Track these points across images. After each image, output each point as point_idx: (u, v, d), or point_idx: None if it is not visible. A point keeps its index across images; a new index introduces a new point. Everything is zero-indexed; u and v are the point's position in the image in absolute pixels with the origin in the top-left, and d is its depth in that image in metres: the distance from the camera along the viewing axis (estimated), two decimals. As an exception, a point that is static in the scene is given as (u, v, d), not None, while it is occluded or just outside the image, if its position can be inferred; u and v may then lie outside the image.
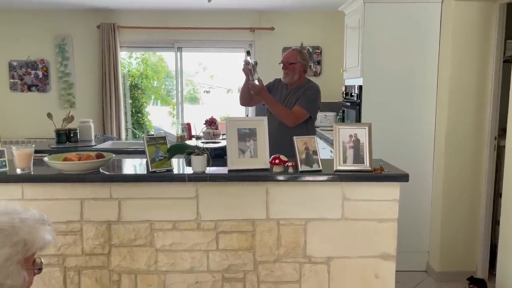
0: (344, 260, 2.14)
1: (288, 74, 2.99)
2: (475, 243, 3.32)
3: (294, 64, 2.97)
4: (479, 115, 3.20)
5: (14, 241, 0.98)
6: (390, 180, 2.08)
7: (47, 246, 1.06)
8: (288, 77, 3.00)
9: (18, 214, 1.04)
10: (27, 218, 1.04)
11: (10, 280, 0.96)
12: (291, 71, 2.98)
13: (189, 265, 2.12)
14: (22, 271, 0.99)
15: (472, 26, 3.12)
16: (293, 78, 3.00)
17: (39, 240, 1.03)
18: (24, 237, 1.00)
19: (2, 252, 0.95)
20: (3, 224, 0.99)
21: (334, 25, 5.15)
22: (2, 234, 0.97)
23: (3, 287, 0.95)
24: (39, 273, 1.08)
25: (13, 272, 0.96)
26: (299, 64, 2.99)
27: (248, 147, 2.15)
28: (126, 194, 2.08)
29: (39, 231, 1.04)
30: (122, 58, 5.75)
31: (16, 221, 1.01)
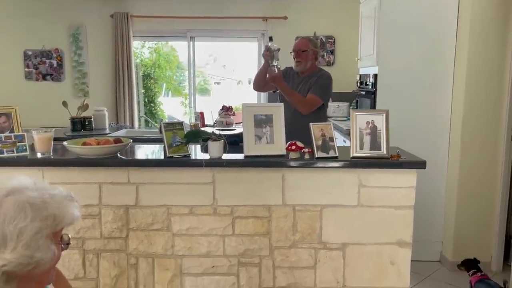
0: (360, 246, 2.14)
1: (301, 62, 3.01)
2: (489, 234, 3.30)
3: (306, 51, 3.00)
4: (496, 105, 3.17)
5: (44, 215, 1.00)
6: (407, 167, 2.08)
7: (75, 222, 1.08)
8: (301, 65, 3.01)
9: (48, 190, 1.06)
10: (56, 194, 1.06)
11: (40, 253, 0.98)
12: (303, 59, 3.00)
13: (206, 249, 2.14)
14: (51, 245, 1.01)
15: (491, 14, 3.07)
16: (306, 66, 3.02)
17: (67, 215, 1.05)
18: (53, 212, 1.02)
19: (33, 226, 0.97)
20: (34, 199, 1.01)
21: (348, 14, 5.10)
22: (33, 208, 0.99)
23: (33, 259, 0.97)
24: (66, 249, 1.10)
25: (43, 245, 0.99)
26: (311, 51, 3.02)
27: (265, 133, 2.15)
28: (144, 178, 2.10)
29: (68, 207, 1.06)
30: (135, 48, 5.77)
31: (46, 196, 1.03)
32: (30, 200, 1.00)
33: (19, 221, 0.97)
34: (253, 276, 2.16)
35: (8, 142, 2.06)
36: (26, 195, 1.01)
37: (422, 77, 3.31)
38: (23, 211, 0.98)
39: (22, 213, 0.97)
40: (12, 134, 2.10)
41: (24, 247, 0.96)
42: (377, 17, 3.32)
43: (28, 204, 0.99)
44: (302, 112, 2.86)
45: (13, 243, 0.95)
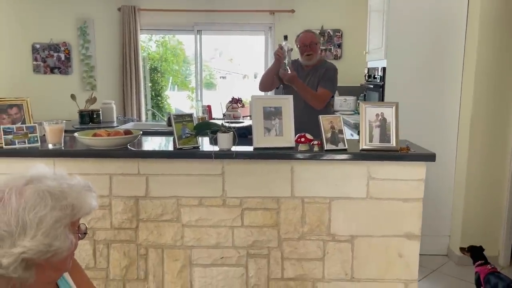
0: (368, 238, 2.15)
1: (313, 55, 3.01)
2: (497, 228, 3.29)
3: (317, 45, 3.03)
4: (505, 98, 3.15)
5: (63, 205, 1.01)
6: (416, 160, 2.07)
7: (92, 212, 1.09)
8: (313, 58, 3.01)
9: (66, 180, 1.07)
10: (74, 184, 1.07)
11: (58, 242, 0.99)
12: (315, 52, 3.01)
13: (215, 240, 2.16)
14: (69, 234, 1.02)
15: (501, 7, 3.05)
16: (316, 59, 3.03)
17: (85, 205, 1.06)
18: (72, 202, 1.03)
19: (52, 215, 0.98)
20: (53, 188, 1.01)
21: (355, 7, 5.08)
22: (52, 198, 1.00)
23: (51, 248, 0.98)
24: (83, 238, 1.12)
25: (61, 234, 1.00)
26: (319, 44, 3.07)
27: (274, 126, 2.16)
28: (154, 170, 2.11)
29: (86, 197, 1.07)
30: (142, 41, 5.77)
31: (64, 186, 1.04)
32: (49, 189, 1.01)
33: (40, 209, 0.97)
34: (262, 267, 2.18)
35: (20, 133, 2.08)
36: (46, 184, 1.02)
37: (431, 71, 3.29)
38: (43, 200, 0.98)
39: (42, 201, 0.98)
40: (24, 126, 2.12)
41: (44, 235, 0.97)
42: (386, 10, 3.31)
43: (48, 193, 1.00)
44: (316, 107, 2.86)
45: (33, 231, 0.96)
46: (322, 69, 3.00)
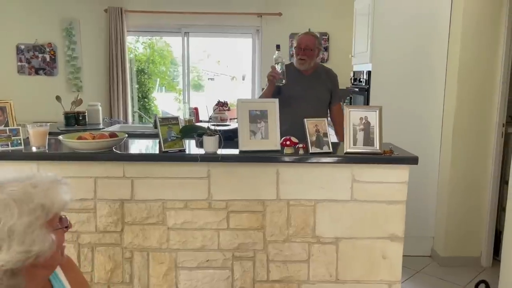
0: (353, 240, 2.17)
1: (305, 61, 2.90)
2: (480, 229, 3.35)
3: (313, 51, 2.90)
4: (487, 102, 3.21)
5: (31, 208, 0.95)
6: (399, 163, 2.11)
7: (67, 206, 1.04)
8: (306, 64, 2.91)
9: (30, 180, 1.00)
10: (40, 181, 1.00)
11: (37, 245, 0.95)
12: (309, 58, 2.90)
13: (200, 243, 2.16)
14: (48, 234, 0.98)
15: (483, 11, 3.11)
16: (310, 65, 2.93)
17: (57, 201, 1.01)
18: (40, 201, 0.97)
19: (22, 221, 0.93)
20: (16, 194, 0.95)
21: (342, 11, 5.12)
22: (17, 203, 0.94)
23: (31, 253, 0.94)
24: (69, 229, 1.08)
25: (38, 237, 0.96)
26: (316, 50, 2.93)
27: (259, 129, 2.17)
28: (139, 173, 2.11)
29: (55, 193, 1.01)
30: (129, 43, 5.74)
31: (28, 187, 0.98)
32: (12, 196, 0.95)
33: (7, 220, 0.92)
34: (247, 270, 2.19)
35: (3, 136, 2.06)
36: (7, 191, 0.95)
37: (415, 74, 3.34)
38: (8, 209, 0.93)
39: (7, 211, 0.93)
40: (7, 128, 2.09)
41: (19, 244, 0.92)
42: (371, 14, 3.35)
43: (11, 200, 0.94)
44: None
45: (6, 244, 0.92)
46: (324, 75, 2.99)
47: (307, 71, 2.94)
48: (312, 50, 2.88)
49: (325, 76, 2.99)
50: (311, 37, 2.93)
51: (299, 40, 2.91)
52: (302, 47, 2.88)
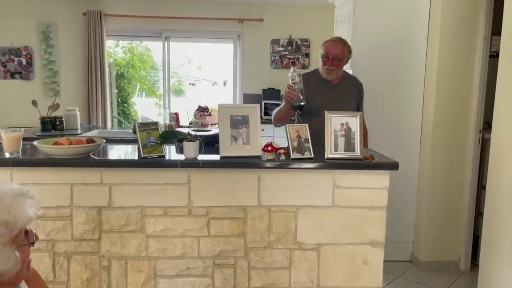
0: (334, 247, 2.17)
1: (334, 71, 2.67)
2: (458, 234, 3.39)
3: (342, 61, 2.67)
4: (464, 108, 3.27)
5: None
6: (380, 168, 2.12)
7: (32, 220, 0.99)
8: (333, 74, 2.68)
9: None
10: (2, 196, 0.95)
11: (0, 265, 0.91)
12: (337, 68, 2.67)
13: (180, 251, 2.12)
14: (12, 252, 0.94)
15: (460, 20, 3.18)
16: (337, 74, 2.71)
17: (21, 217, 0.95)
18: (3, 219, 0.92)
19: None
20: None
21: (323, 17, 5.17)
22: None
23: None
24: (35, 243, 1.03)
25: (1, 255, 0.92)
26: (346, 59, 2.70)
27: (241, 134, 2.15)
28: (117, 179, 2.06)
29: (20, 208, 0.95)
30: (108, 47, 5.67)
31: None
32: None
33: None
34: (228, 277, 2.16)
35: (-25, 141, 1.99)
36: None
37: (395, 81, 3.38)
38: None
39: None
40: (-21, 133, 2.02)
41: None
42: (351, 21, 3.38)
43: None
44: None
45: None
46: (350, 85, 2.80)
47: (333, 80, 2.73)
48: (341, 61, 2.66)
49: (352, 85, 2.81)
50: (341, 44, 2.67)
51: (327, 48, 2.66)
52: (330, 57, 2.63)
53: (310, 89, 2.57)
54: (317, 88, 2.68)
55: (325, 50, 2.67)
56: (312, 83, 2.65)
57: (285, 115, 2.72)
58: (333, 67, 2.64)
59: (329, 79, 2.70)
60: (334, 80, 2.72)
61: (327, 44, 2.69)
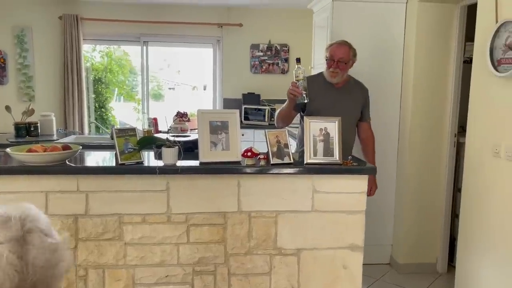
0: (314, 251, 2.17)
1: (338, 74, 2.63)
2: (435, 236, 3.45)
3: (347, 64, 2.64)
4: (440, 113, 3.34)
5: None
6: (358, 173, 2.14)
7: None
8: (338, 77, 2.64)
9: None
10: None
11: None
12: (342, 70, 2.63)
13: (159, 258, 2.09)
14: None
15: (435, 27, 3.24)
16: (342, 77, 2.67)
17: None
18: None
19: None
20: None
21: (302, 23, 5.20)
22: None
23: None
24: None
25: None
26: (351, 62, 2.67)
27: (220, 140, 2.14)
28: (94, 186, 2.03)
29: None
30: (85, 51, 5.58)
31: None
32: None
33: None
34: (208, 284, 2.14)
35: None
36: None
37: (372, 86, 3.39)
38: None
39: None
40: (-51, 140, 1.96)
41: None
42: (329, 27, 3.41)
43: None
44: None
45: None
46: (356, 90, 2.78)
47: (338, 84, 2.68)
48: (346, 63, 2.63)
49: (357, 90, 2.77)
50: (346, 47, 2.64)
51: (332, 51, 2.63)
52: (335, 59, 2.60)
53: (313, 92, 2.52)
54: (320, 90, 2.65)
55: (330, 52, 2.64)
56: (315, 86, 2.61)
57: (287, 114, 2.68)
58: (338, 70, 2.61)
59: (334, 82, 2.66)
60: (338, 84, 2.68)
61: (332, 47, 2.66)
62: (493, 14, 2.22)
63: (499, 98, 2.23)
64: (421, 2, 3.20)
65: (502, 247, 2.20)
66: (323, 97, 2.64)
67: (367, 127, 2.91)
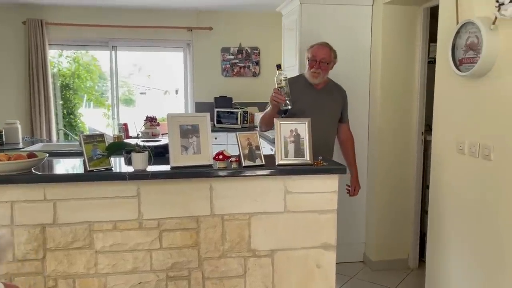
0: (287, 252, 2.19)
1: (320, 74, 2.68)
2: (406, 233, 3.53)
3: (328, 64, 2.70)
4: (408, 112, 3.42)
5: None
6: (329, 173, 2.16)
7: None
8: (319, 77, 2.69)
9: None
10: None
11: None
12: (324, 72, 2.69)
13: (132, 265, 2.06)
14: None
15: (400, 29, 3.33)
16: (323, 78, 2.72)
17: None
18: None
19: None
20: None
21: (272, 25, 5.25)
22: None
23: None
24: None
25: None
26: (332, 63, 2.73)
27: (191, 144, 2.13)
28: (62, 195, 1.98)
29: None
30: (52, 57, 5.45)
31: None
32: None
33: None
34: (183, 289, 2.12)
35: None
36: None
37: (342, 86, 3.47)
38: None
39: None
40: None
41: None
42: (298, 29, 3.45)
43: None
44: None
45: None
46: (336, 92, 2.84)
47: (318, 85, 2.74)
48: (328, 64, 2.68)
49: (336, 91, 2.84)
50: (327, 48, 2.70)
51: (315, 52, 2.69)
52: (317, 60, 2.66)
53: (294, 94, 2.57)
54: (302, 92, 2.69)
55: (312, 53, 2.70)
56: (296, 88, 2.64)
57: (271, 119, 2.62)
58: (319, 71, 2.66)
59: (315, 83, 2.72)
60: (318, 85, 2.74)
61: (314, 48, 2.72)
62: (454, 15, 2.29)
63: (461, 97, 2.31)
64: (386, 5, 3.28)
65: (468, 241, 2.28)
66: (305, 98, 2.68)
67: (346, 129, 2.98)
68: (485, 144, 2.12)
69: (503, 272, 2.03)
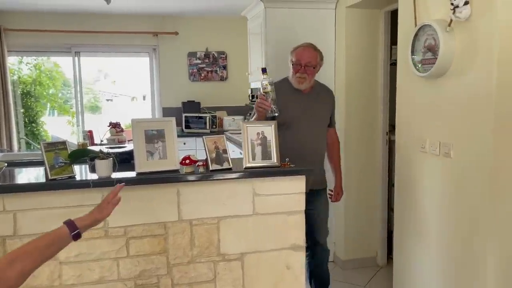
0: (257, 254, 2.19)
1: (306, 79, 2.49)
2: (374, 231, 3.60)
3: (315, 68, 2.51)
4: (372, 113, 3.50)
5: None
6: (296, 174, 2.18)
7: None
8: (305, 82, 2.50)
9: None
10: None
11: None
12: (310, 76, 2.49)
13: (98, 275, 2.01)
14: None
15: (362, 32, 3.41)
16: (310, 83, 2.53)
17: None
18: None
19: None
20: None
21: (238, 30, 5.26)
22: None
23: None
24: None
25: None
26: (318, 66, 2.54)
27: (157, 149, 2.10)
28: (23, 205, 1.91)
29: None
30: (11, 64, 5.27)
31: None
32: None
33: None
34: (152, 297, 2.08)
35: None
36: None
37: (308, 90, 3.52)
38: None
39: None
40: None
41: None
42: (263, 33, 3.47)
43: None
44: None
45: None
46: (323, 94, 2.67)
47: (305, 89, 2.56)
48: (314, 67, 2.49)
49: (324, 93, 2.67)
50: (312, 50, 2.50)
51: (299, 55, 2.48)
52: (302, 64, 2.46)
53: (282, 100, 2.37)
54: (289, 99, 2.50)
55: (296, 56, 2.49)
56: (283, 94, 2.44)
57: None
58: (305, 75, 2.46)
59: (301, 89, 2.52)
60: (305, 90, 2.55)
61: (298, 51, 2.51)
62: (412, 18, 2.37)
63: (421, 97, 2.38)
64: (348, 8, 3.35)
65: (432, 237, 2.35)
66: (293, 106, 2.51)
67: (333, 132, 2.82)
68: (445, 142, 2.20)
69: (466, 265, 2.11)
